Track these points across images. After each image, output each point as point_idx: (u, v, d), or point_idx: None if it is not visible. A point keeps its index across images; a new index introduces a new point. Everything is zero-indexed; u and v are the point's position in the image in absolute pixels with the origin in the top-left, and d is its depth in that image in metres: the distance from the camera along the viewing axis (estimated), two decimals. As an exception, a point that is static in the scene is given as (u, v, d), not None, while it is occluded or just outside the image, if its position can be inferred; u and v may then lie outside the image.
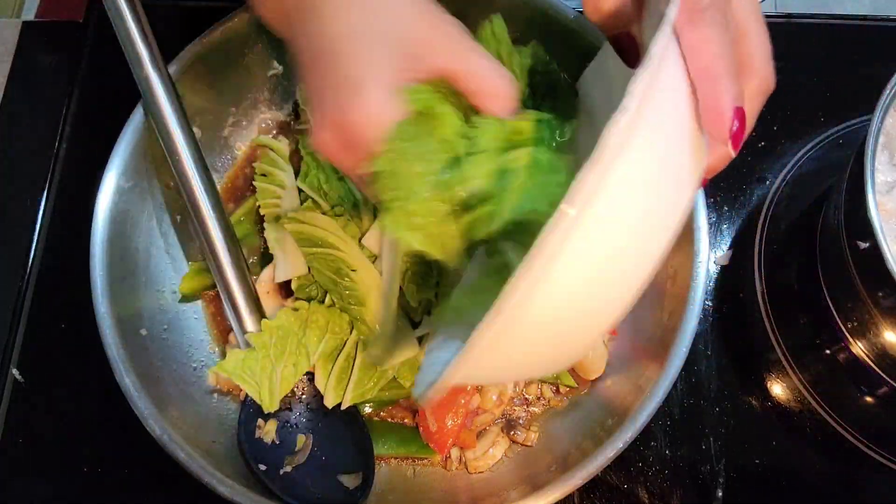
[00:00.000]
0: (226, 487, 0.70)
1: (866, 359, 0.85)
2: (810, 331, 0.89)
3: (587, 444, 0.75)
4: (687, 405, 0.87)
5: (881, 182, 0.75)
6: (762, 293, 0.92)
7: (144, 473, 0.84)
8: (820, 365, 0.89)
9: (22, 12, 1.14)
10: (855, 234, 0.73)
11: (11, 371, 0.88)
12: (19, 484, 0.85)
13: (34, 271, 0.93)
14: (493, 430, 0.82)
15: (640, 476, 0.84)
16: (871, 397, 0.88)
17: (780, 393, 0.88)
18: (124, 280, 0.79)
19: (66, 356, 0.89)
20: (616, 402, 0.79)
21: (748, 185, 0.97)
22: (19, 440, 0.86)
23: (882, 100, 0.72)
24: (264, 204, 0.87)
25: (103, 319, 0.75)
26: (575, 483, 0.71)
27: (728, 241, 0.95)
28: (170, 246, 0.87)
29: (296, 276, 0.81)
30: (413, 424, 0.83)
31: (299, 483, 0.75)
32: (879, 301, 0.74)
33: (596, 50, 0.85)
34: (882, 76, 0.73)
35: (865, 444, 0.85)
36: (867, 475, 0.85)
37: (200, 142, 0.89)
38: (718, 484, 0.84)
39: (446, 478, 0.81)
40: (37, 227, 0.95)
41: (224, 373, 0.76)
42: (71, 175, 0.98)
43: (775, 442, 0.86)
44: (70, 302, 0.89)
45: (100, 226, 0.78)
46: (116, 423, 0.83)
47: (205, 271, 0.86)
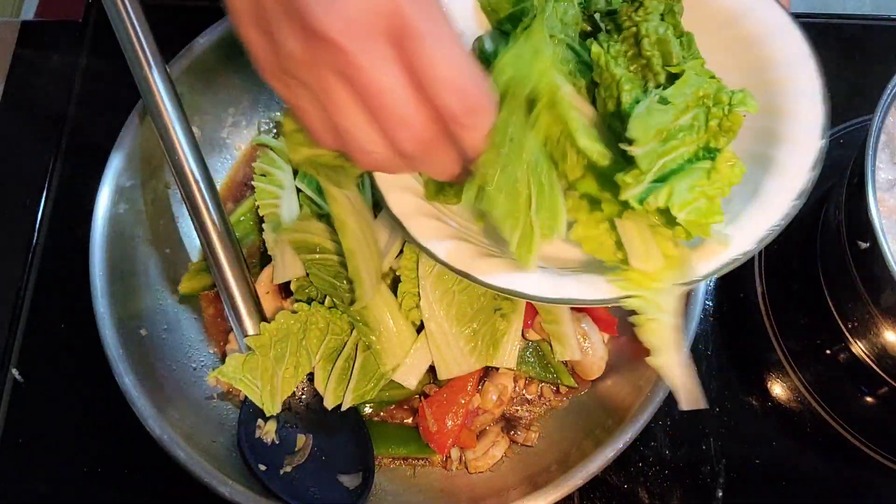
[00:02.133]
0: (226, 487, 0.70)
1: (866, 359, 0.85)
2: (810, 331, 0.89)
3: (587, 443, 0.75)
4: (687, 405, 0.87)
5: (882, 180, 0.75)
6: (762, 293, 0.91)
7: (144, 473, 0.84)
8: (820, 365, 0.89)
9: (21, 12, 1.14)
10: (855, 234, 0.73)
11: (11, 371, 0.88)
12: (19, 484, 0.85)
13: (34, 271, 0.93)
14: (493, 430, 0.82)
15: (640, 476, 0.84)
16: (871, 397, 0.88)
17: (780, 393, 0.88)
18: (124, 280, 0.79)
19: (66, 356, 0.89)
20: (616, 402, 0.79)
21: (748, 185, 0.97)
22: (19, 440, 0.86)
23: (882, 100, 0.72)
24: (263, 205, 0.87)
25: (103, 320, 0.75)
26: (575, 483, 0.71)
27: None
28: (170, 246, 0.87)
29: (295, 278, 0.81)
30: (413, 425, 0.83)
31: (299, 483, 0.75)
32: (879, 301, 0.74)
33: None
34: (882, 76, 0.73)
35: (865, 444, 0.85)
36: (867, 475, 0.85)
37: (200, 141, 0.90)
38: (718, 484, 0.84)
39: (446, 477, 0.81)
40: (37, 228, 0.95)
41: (224, 378, 0.76)
42: (71, 175, 0.98)
43: (775, 442, 0.86)
44: (70, 302, 0.89)
45: (99, 226, 0.78)
46: (116, 423, 0.83)
47: (204, 271, 0.86)
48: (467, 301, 0.77)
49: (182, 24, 0.86)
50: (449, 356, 0.77)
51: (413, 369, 0.79)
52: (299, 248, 0.79)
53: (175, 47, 0.84)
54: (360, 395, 0.78)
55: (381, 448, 0.81)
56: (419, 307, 0.77)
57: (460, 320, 0.77)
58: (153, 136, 0.81)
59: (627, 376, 0.81)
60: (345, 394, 0.78)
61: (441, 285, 0.76)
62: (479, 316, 0.77)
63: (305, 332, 0.78)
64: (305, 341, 0.78)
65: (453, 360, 0.77)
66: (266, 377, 0.76)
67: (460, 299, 0.76)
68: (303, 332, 0.78)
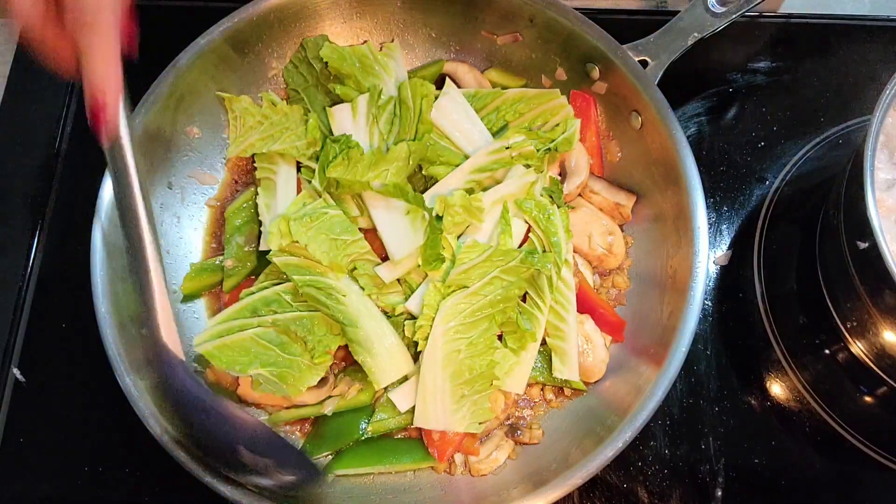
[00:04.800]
0: (226, 487, 0.70)
1: (865, 358, 0.85)
2: (810, 331, 0.90)
3: (587, 443, 0.75)
4: (686, 405, 0.87)
5: (881, 180, 0.75)
6: (762, 293, 0.92)
7: (144, 473, 0.84)
8: (819, 365, 0.89)
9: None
10: (855, 234, 0.73)
11: (12, 371, 0.88)
12: (19, 484, 0.85)
13: (35, 272, 0.93)
14: (497, 434, 0.82)
15: (640, 475, 0.84)
16: (871, 397, 0.88)
17: (779, 393, 0.88)
18: (125, 280, 0.79)
19: (67, 356, 0.89)
20: (616, 402, 0.79)
21: (748, 185, 0.97)
22: (19, 440, 0.86)
23: (882, 100, 0.73)
24: (261, 168, 0.88)
25: (104, 320, 0.75)
26: (575, 482, 0.71)
27: (727, 241, 0.95)
28: (170, 246, 0.87)
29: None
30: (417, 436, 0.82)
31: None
32: (878, 301, 0.75)
33: (599, 50, 0.86)
34: (882, 76, 0.73)
35: (865, 443, 0.85)
36: (867, 475, 0.85)
37: (200, 141, 0.90)
38: (718, 484, 0.84)
39: (447, 478, 0.81)
40: (37, 228, 0.95)
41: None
42: (71, 175, 0.98)
43: (775, 442, 0.86)
44: (70, 302, 0.89)
45: (100, 226, 0.78)
46: (116, 423, 0.83)
47: (206, 271, 0.86)
48: (468, 366, 0.77)
49: (182, 25, 0.86)
50: (431, 408, 0.77)
51: (409, 394, 0.79)
52: (291, 270, 0.79)
53: (175, 47, 0.84)
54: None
55: (386, 462, 0.80)
56: (423, 350, 0.77)
57: (455, 380, 0.77)
58: (153, 137, 0.81)
59: (627, 376, 0.81)
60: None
61: (450, 344, 0.76)
62: (475, 383, 0.77)
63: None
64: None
65: (434, 412, 0.77)
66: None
67: (463, 361, 0.77)
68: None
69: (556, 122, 0.88)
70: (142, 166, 0.68)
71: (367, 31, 0.94)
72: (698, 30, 0.87)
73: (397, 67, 0.90)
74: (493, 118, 0.89)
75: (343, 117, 0.86)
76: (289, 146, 0.86)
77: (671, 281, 0.81)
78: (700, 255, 0.77)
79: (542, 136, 0.86)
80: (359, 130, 0.85)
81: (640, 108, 0.85)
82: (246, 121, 0.89)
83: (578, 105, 0.90)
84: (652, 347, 0.79)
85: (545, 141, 0.85)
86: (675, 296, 0.78)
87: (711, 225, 0.95)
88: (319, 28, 0.92)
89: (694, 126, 1.00)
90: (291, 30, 0.91)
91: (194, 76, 0.86)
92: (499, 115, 0.88)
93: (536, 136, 0.85)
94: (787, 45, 1.04)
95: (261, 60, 0.92)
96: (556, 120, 0.88)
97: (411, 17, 0.94)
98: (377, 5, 0.92)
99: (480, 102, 0.89)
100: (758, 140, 0.99)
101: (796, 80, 1.02)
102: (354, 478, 0.80)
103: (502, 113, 0.88)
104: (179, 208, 0.89)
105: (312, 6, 0.90)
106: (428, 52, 0.97)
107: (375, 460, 0.80)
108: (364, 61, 0.88)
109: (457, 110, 0.86)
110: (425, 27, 0.95)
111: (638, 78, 0.84)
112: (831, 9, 1.08)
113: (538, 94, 0.88)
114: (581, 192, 0.89)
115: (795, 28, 1.05)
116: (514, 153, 0.83)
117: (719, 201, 0.96)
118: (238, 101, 0.89)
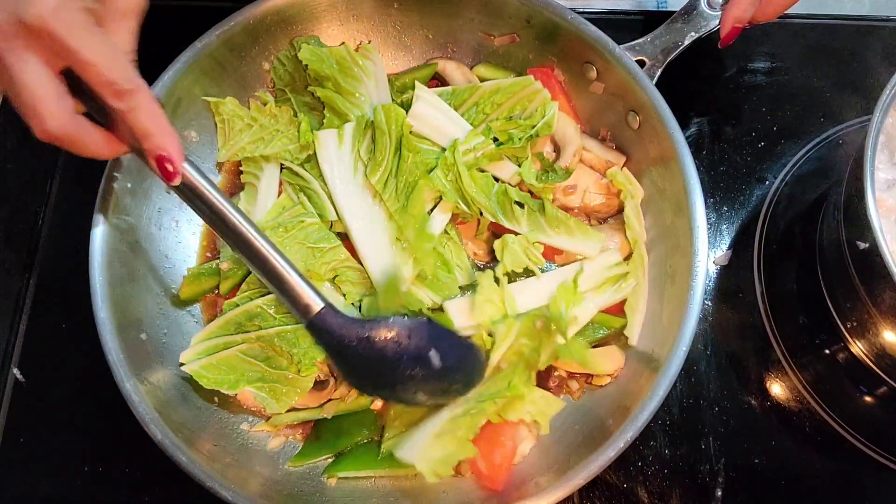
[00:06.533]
0: (228, 492, 0.70)
1: (865, 359, 0.85)
2: (809, 331, 0.90)
3: (588, 444, 0.75)
4: (687, 405, 0.87)
5: (881, 180, 0.75)
6: (761, 293, 0.92)
7: (144, 473, 0.84)
8: (819, 365, 0.89)
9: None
10: (854, 234, 0.73)
11: (12, 371, 0.88)
12: (19, 484, 0.85)
13: (35, 272, 0.93)
14: (521, 428, 0.81)
15: (640, 475, 0.84)
16: (871, 397, 0.88)
17: (779, 393, 0.88)
18: (124, 286, 0.79)
19: (68, 356, 0.89)
20: (616, 401, 0.79)
21: (748, 185, 0.97)
22: (19, 440, 0.86)
23: (882, 100, 0.73)
24: (246, 171, 0.89)
25: (103, 325, 0.75)
26: (576, 483, 0.71)
27: (727, 241, 0.95)
28: (169, 249, 0.87)
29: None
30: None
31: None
32: (878, 301, 0.75)
33: (596, 50, 0.86)
34: (881, 77, 0.73)
35: (865, 443, 0.85)
36: (866, 475, 0.85)
37: (198, 144, 0.90)
38: (718, 484, 0.84)
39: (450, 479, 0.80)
40: (37, 228, 0.95)
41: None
42: (71, 176, 0.97)
43: (774, 442, 0.86)
44: (70, 302, 0.89)
45: (99, 228, 0.78)
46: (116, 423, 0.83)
47: (204, 275, 0.86)
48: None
49: (182, 25, 0.86)
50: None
51: (464, 308, 0.81)
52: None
53: (175, 47, 0.84)
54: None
55: (387, 466, 0.79)
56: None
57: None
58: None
59: (627, 376, 0.81)
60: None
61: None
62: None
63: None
64: None
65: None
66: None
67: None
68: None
69: (535, 108, 0.88)
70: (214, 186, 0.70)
71: (363, 34, 0.94)
72: (696, 29, 0.87)
73: (375, 69, 0.90)
74: (473, 113, 0.89)
75: (328, 143, 0.86)
76: (281, 150, 0.87)
77: (671, 281, 0.81)
78: (700, 255, 0.77)
79: (522, 124, 0.87)
80: (343, 157, 0.86)
81: (638, 108, 0.85)
82: (234, 124, 0.89)
83: (542, 81, 0.90)
84: (652, 348, 0.79)
85: (526, 128, 0.86)
86: (675, 296, 0.78)
87: (711, 225, 0.95)
88: (316, 30, 0.92)
89: (693, 126, 1.00)
90: (289, 32, 0.90)
91: (191, 80, 0.86)
92: (478, 110, 0.89)
93: (517, 124, 0.87)
94: (787, 45, 1.04)
95: (257, 63, 0.91)
96: (534, 105, 0.88)
97: (408, 18, 0.93)
98: (374, 8, 0.92)
99: (458, 99, 0.89)
100: (758, 140, 0.99)
101: (796, 80, 1.02)
102: (355, 481, 0.80)
103: (481, 106, 0.89)
104: (178, 212, 0.88)
105: (310, 9, 0.89)
106: (425, 54, 0.97)
107: (377, 463, 0.80)
108: (342, 63, 0.88)
109: (433, 112, 0.86)
110: (422, 29, 0.95)
111: (635, 78, 0.84)
112: (831, 9, 1.08)
113: (513, 83, 0.88)
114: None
115: (795, 28, 1.05)
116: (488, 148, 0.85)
117: (719, 201, 0.96)
118: (223, 104, 0.88)
